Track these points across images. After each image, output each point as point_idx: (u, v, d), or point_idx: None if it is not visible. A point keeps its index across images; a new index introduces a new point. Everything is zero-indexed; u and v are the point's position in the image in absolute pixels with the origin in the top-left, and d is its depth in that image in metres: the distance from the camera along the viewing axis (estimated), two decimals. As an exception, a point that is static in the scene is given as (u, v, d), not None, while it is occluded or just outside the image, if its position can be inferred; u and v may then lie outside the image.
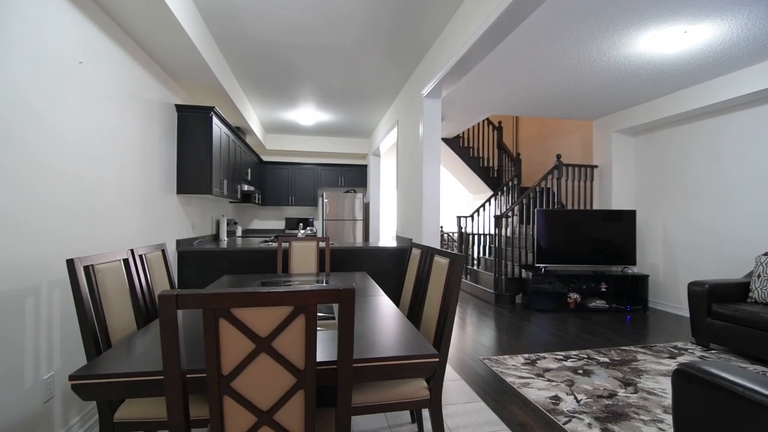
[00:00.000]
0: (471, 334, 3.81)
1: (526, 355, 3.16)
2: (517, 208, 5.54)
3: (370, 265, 3.94)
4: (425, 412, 2.12)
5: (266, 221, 7.47)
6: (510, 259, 5.40)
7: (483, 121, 6.81)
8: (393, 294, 3.98)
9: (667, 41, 3.11)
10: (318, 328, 1.52)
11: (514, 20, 2.29)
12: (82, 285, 1.42)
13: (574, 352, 3.23)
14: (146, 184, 2.84)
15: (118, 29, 2.40)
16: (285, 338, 0.98)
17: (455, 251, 3.35)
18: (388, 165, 7.80)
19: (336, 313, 1.78)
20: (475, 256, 6.42)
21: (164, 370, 0.93)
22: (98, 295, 1.52)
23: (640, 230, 5.22)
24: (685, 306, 4.53)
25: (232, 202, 5.74)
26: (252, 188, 5.71)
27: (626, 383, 2.63)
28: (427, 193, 3.61)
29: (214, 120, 3.59)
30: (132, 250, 1.87)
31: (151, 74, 2.89)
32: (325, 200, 6.78)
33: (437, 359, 1.27)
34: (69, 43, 1.92)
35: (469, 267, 6.33)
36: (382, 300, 2.07)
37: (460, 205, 8.88)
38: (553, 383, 2.62)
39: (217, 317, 0.94)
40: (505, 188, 6.25)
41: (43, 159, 1.75)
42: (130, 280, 1.80)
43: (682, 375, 1.02)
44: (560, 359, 3.07)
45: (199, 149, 3.50)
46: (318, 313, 1.38)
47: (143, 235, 2.78)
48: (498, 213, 6.00)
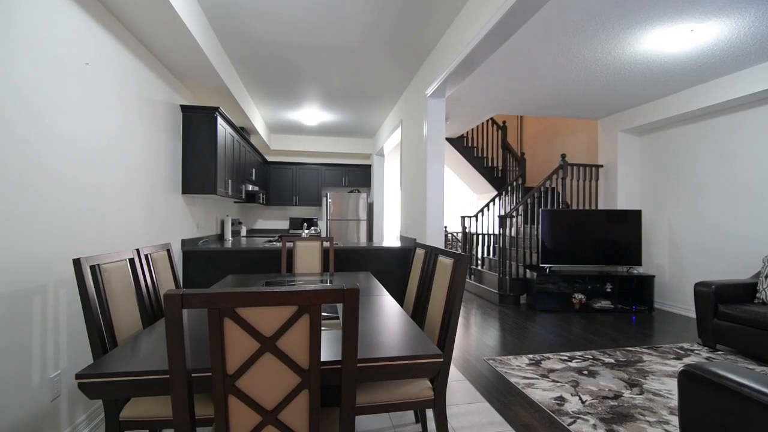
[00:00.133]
0: (475, 334, 3.80)
1: (530, 356, 3.14)
2: (521, 208, 5.52)
3: (374, 265, 3.95)
4: (429, 412, 2.12)
5: (270, 221, 7.49)
6: (514, 260, 5.39)
7: (487, 120, 6.79)
8: (397, 294, 3.98)
9: (674, 40, 3.09)
10: (322, 327, 1.53)
11: (518, 20, 2.28)
12: (89, 284, 1.43)
13: (579, 353, 3.21)
14: (152, 185, 2.86)
15: (124, 30, 2.42)
16: (289, 338, 0.98)
17: (459, 251, 3.34)
18: (392, 165, 7.80)
19: (340, 312, 1.78)
20: (480, 256, 6.41)
21: (170, 369, 0.93)
22: (104, 294, 1.54)
23: (646, 230, 5.18)
24: (692, 307, 4.50)
25: (237, 202, 5.77)
26: (256, 188, 5.73)
27: (632, 384, 2.61)
28: (431, 193, 3.61)
29: (219, 120, 3.61)
30: (137, 250, 1.89)
31: (156, 75, 2.91)
32: (329, 200, 6.79)
33: (441, 359, 1.27)
34: (75, 44, 1.94)
35: (474, 267, 6.31)
36: (386, 300, 2.07)
37: (464, 204, 8.87)
38: (558, 384, 2.61)
39: (222, 317, 0.94)
40: (509, 188, 6.22)
41: (49, 161, 1.76)
42: (136, 279, 1.81)
43: (688, 376, 1.01)
44: (565, 360, 3.05)
45: (203, 149, 3.51)
46: (322, 313, 1.38)
47: (149, 235, 2.80)
48: (502, 213, 5.98)
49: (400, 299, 3.94)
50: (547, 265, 4.98)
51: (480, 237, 6.39)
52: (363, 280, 2.73)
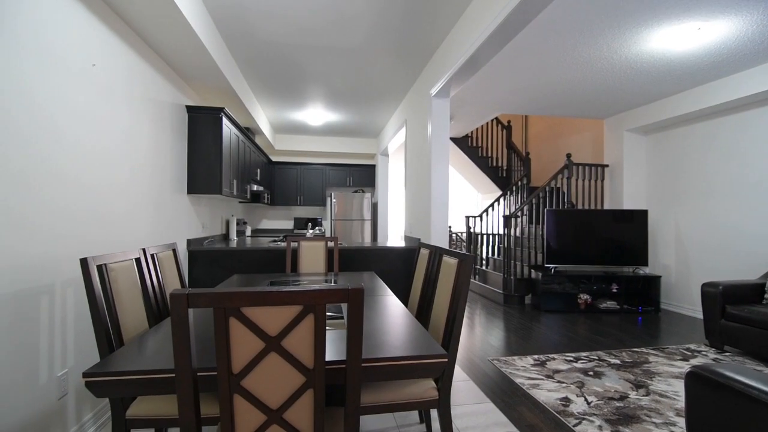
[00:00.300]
0: (480, 334, 3.79)
1: (535, 356, 3.13)
2: (526, 208, 5.50)
3: (379, 265, 3.95)
4: (434, 412, 2.12)
5: (275, 221, 7.52)
6: (519, 260, 5.36)
7: (492, 120, 6.76)
8: (401, 294, 3.98)
9: (681, 38, 3.06)
10: (327, 327, 1.53)
11: (522, 19, 2.27)
12: (96, 284, 1.45)
13: (584, 354, 3.19)
14: (158, 185, 2.88)
15: (130, 31, 2.43)
16: (294, 337, 0.99)
17: (464, 251, 3.34)
18: (396, 165, 7.80)
19: (345, 312, 1.78)
20: (484, 256, 6.39)
21: (175, 368, 0.94)
22: (111, 293, 1.55)
23: (652, 230, 5.14)
24: (699, 307, 4.45)
25: (242, 202, 5.79)
26: (261, 188, 5.75)
27: (638, 385, 2.59)
28: (435, 193, 3.60)
29: (224, 121, 3.63)
30: (144, 250, 1.90)
31: (162, 76, 2.93)
32: (334, 200, 6.80)
33: (446, 359, 1.27)
34: (80, 44, 1.95)
35: (478, 267, 6.30)
36: (390, 300, 2.07)
37: (468, 204, 8.84)
38: (563, 385, 2.59)
39: (228, 316, 0.94)
40: (514, 188, 6.20)
41: (55, 161, 1.78)
42: (142, 279, 1.83)
43: (695, 377, 1.00)
44: (570, 360, 3.04)
45: (209, 150, 3.53)
46: (327, 313, 1.38)
47: (155, 235, 2.82)
48: (507, 213, 5.96)
49: (404, 299, 3.93)
50: (552, 266, 4.96)
51: (485, 237, 6.37)
52: (367, 280, 2.73)
